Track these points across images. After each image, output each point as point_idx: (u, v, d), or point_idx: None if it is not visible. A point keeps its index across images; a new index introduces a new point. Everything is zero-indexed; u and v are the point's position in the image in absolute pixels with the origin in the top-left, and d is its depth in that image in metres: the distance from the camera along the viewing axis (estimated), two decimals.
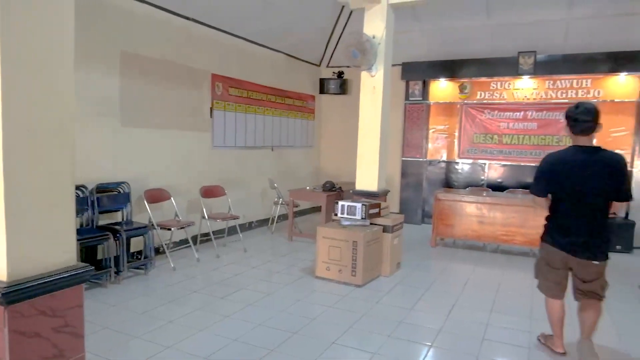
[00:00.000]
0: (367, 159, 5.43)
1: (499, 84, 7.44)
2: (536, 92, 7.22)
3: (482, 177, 7.73)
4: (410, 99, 7.97)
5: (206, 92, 6.07)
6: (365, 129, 5.43)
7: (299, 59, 8.10)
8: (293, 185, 7.21)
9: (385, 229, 4.86)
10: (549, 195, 3.03)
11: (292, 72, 7.97)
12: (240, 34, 6.49)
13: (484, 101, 7.57)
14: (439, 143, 8.04)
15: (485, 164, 7.69)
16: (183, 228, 5.16)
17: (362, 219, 4.68)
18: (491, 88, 7.50)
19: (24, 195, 1.76)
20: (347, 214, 4.74)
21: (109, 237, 4.25)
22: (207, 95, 6.09)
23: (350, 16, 7.29)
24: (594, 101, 6.85)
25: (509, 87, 7.38)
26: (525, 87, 7.27)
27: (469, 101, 7.68)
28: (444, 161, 8.03)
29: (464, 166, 7.89)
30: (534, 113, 7.23)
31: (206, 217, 5.62)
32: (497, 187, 7.28)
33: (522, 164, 7.21)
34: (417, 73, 7.81)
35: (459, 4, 6.17)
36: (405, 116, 8.05)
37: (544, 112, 7.15)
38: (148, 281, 4.52)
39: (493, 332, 3.54)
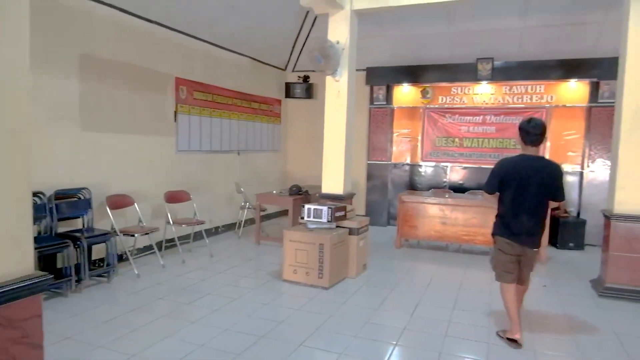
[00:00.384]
0: (333, 163, 5.51)
1: (459, 89, 7.69)
2: (494, 97, 7.51)
3: (445, 179, 7.96)
4: (375, 103, 8.12)
5: (170, 96, 6.00)
6: (331, 132, 5.50)
7: (264, 63, 8.11)
8: (260, 190, 7.20)
9: (351, 231, 4.94)
10: (497, 193, 3.50)
11: (257, 76, 7.97)
12: (205, 37, 6.45)
13: (445, 106, 7.81)
14: (403, 146, 8.22)
15: (447, 166, 7.92)
16: (147, 234, 5.07)
17: (328, 221, 4.74)
18: (452, 93, 7.75)
19: None
20: (313, 217, 4.79)
21: (68, 245, 4.13)
22: (171, 99, 6.01)
23: (315, 21, 7.37)
24: (547, 106, 7.20)
25: (468, 92, 7.65)
26: (484, 92, 7.56)
27: (431, 105, 7.90)
28: (408, 164, 8.22)
29: (427, 169, 8.09)
30: (492, 117, 7.53)
31: (171, 223, 5.54)
32: (458, 189, 7.51)
33: (482, 166, 7.48)
34: (381, 78, 7.97)
35: (420, 12, 6.34)
36: (370, 120, 8.20)
37: (502, 116, 7.44)
38: (111, 289, 4.42)
39: (455, 328, 3.66)
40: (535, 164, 3.38)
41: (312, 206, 4.83)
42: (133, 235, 4.95)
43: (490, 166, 3.90)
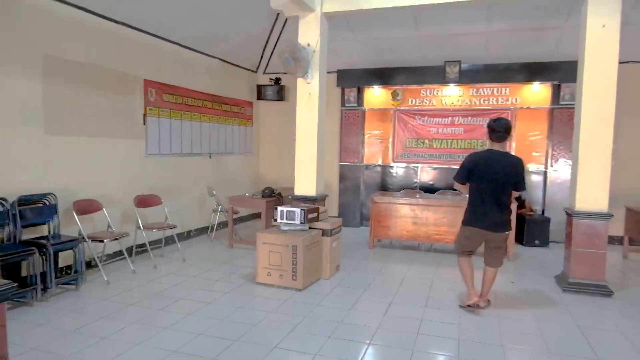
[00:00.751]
0: (305, 165, 5.53)
1: (428, 91, 7.85)
2: (462, 99, 7.70)
3: (415, 180, 8.10)
4: (346, 105, 8.20)
5: (138, 98, 5.89)
6: (303, 134, 5.53)
7: (235, 65, 8.07)
8: (232, 192, 7.15)
9: (324, 232, 4.97)
10: (467, 184, 4.01)
11: (228, 78, 7.92)
12: (174, 39, 6.37)
13: (415, 107, 7.96)
14: (374, 148, 8.32)
15: (417, 167, 8.07)
16: (117, 239, 4.96)
17: (301, 223, 4.76)
18: (421, 95, 7.90)
19: None
20: (286, 219, 4.79)
21: (33, 252, 4.00)
22: (139, 101, 5.90)
23: (285, 23, 7.38)
24: (512, 108, 7.43)
25: (437, 94, 7.82)
26: (452, 94, 7.74)
27: (401, 107, 8.03)
28: (379, 165, 8.32)
29: (399, 170, 8.22)
30: (460, 119, 7.71)
31: (141, 228, 5.44)
32: (429, 189, 7.66)
33: (452, 166, 7.64)
34: (352, 80, 8.05)
35: (389, 16, 6.44)
36: (341, 122, 8.27)
37: (469, 117, 7.64)
38: (79, 297, 4.30)
39: (427, 326, 3.74)
40: (500, 158, 3.87)
41: (285, 208, 4.84)
42: (102, 241, 4.84)
43: (458, 167, 4.09)
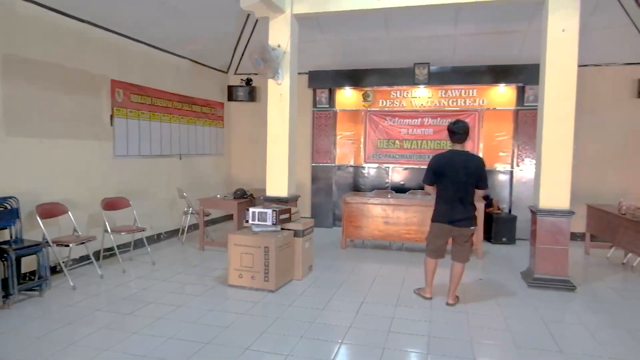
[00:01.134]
0: (277, 165, 5.53)
1: (398, 92, 7.97)
2: (431, 101, 7.85)
3: (387, 180, 8.20)
4: (318, 106, 8.23)
5: (105, 98, 5.75)
6: (274, 135, 5.53)
7: (205, 65, 7.98)
8: (204, 194, 7.08)
9: (296, 233, 4.97)
10: (435, 185, 4.23)
11: (198, 78, 7.83)
12: (142, 38, 6.25)
13: (386, 109, 8.06)
14: (346, 149, 8.38)
15: (389, 167, 8.17)
16: (83, 243, 4.84)
17: (273, 224, 4.75)
18: (391, 96, 8.01)
19: None
20: (258, 220, 4.77)
21: None
22: (106, 102, 5.76)
23: (256, 24, 7.35)
24: (479, 109, 7.63)
25: (407, 95, 7.94)
26: (422, 95, 7.88)
27: (372, 109, 8.12)
28: (351, 166, 8.39)
29: (370, 170, 8.31)
30: (429, 120, 7.86)
31: (109, 231, 5.31)
32: (400, 189, 7.77)
33: (422, 167, 7.75)
34: (323, 81, 8.09)
35: (359, 18, 6.51)
36: (313, 123, 8.29)
37: (439, 118, 7.79)
38: (44, 303, 4.16)
39: (398, 324, 3.79)
40: (462, 157, 4.09)
41: (257, 209, 4.82)
42: (67, 245, 4.69)
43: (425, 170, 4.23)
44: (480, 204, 6.08)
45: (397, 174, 8.17)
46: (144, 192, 6.42)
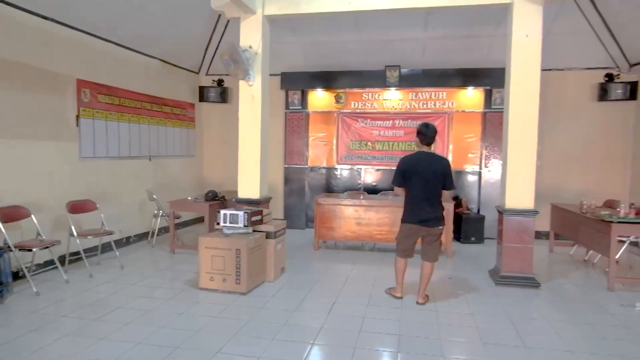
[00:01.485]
0: (249, 167, 5.51)
1: (370, 94, 8.05)
2: (402, 103, 7.97)
3: (359, 182, 8.27)
4: (290, 107, 8.23)
5: (71, 98, 5.60)
6: (246, 137, 5.50)
7: (176, 65, 7.87)
8: (175, 196, 6.97)
9: (268, 235, 4.96)
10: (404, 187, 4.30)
11: (169, 79, 7.71)
12: (110, 37, 6.11)
13: (358, 110, 8.13)
14: (318, 150, 8.40)
15: (361, 169, 8.24)
16: (47, 248, 4.69)
17: (244, 226, 4.72)
18: (363, 98, 8.09)
19: None
20: (229, 222, 4.74)
21: None
22: (72, 102, 5.61)
23: (227, 24, 7.30)
24: (448, 111, 7.78)
25: (378, 97, 8.04)
26: (393, 97, 7.98)
27: (344, 110, 8.17)
28: (324, 167, 8.42)
29: (343, 172, 8.36)
30: (400, 121, 7.97)
31: (75, 235, 5.17)
32: (372, 190, 7.85)
33: (393, 168, 7.79)
34: (296, 83, 8.10)
35: (331, 20, 6.56)
36: (286, 124, 8.29)
37: (409, 120, 7.91)
38: (5, 310, 4.01)
39: (369, 323, 3.83)
40: (429, 159, 4.20)
41: (228, 211, 4.78)
42: (30, 250, 4.55)
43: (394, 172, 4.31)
44: (449, 204, 6.21)
45: (369, 175, 8.25)
46: (112, 194, 6.28)
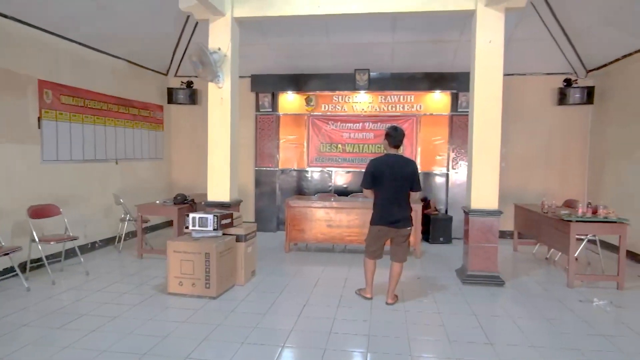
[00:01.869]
0: (218, 170, 5.46)
1: (340, 97, 8.12)
2: (371, 106, 8.07)
3: (330, 184, 8.32)
4: (261, 110, 8.21)
5: (32, 100, 5.42)
6: (215, 139, 5.46)
7: (143, 67, 7.72)
8: (143, 200, 6.83)
9: (239, 238, 4.93)
10: (373, 189, 4.35)
11: (136, 80, 7.56)
12: (73, 37, 5.95)
13: (328, 113, 8.19)
14: (289, 152, 8.41)
15: (332, 171, 8.30)
16: (7, 254, 4.52)
17: (214, 230, 4.69)
18: (333, 101, 8.15)
19: None
20: (198, 226, 4.69)
21: None
22: (33, 103, 5.43)
23: (196, 25, 7.22)
24: (417, 114, 7.93)
25: (348, 100, 8.12)
26: (362, 100, 8.08)
27: (314, 113, 8.21)
28: (295, 170, 8.43)
29: (314, 174, 8.39)
30: (370, 124, 8.08)
31: (37, 240, 5.00)
32: (342, 192, 7.92)
33: (364, 170, 7.89)
34: (266, 85, 8.09)
35: (301, 23, 6.58)
36: (256, 127, 8.26)
37: (379, 123, 8.02)
38: None
39: (339, 325, 3.87)
40: (397, 161, 4.28)
41: (197, 215, 4.73)
42: None
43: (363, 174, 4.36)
44: (417, 205, 6.32)
45: (340, 177, 8.31)
46: (76, 198, 6.10)
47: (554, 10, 6.34)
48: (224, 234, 4.82)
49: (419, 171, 4.46)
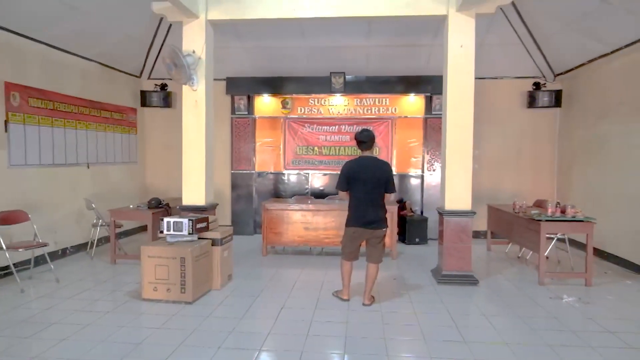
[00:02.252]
0: (193, 173, 5.41)
1: (316, 100, 8.15)
2: (347, 108, 8.13)
3: (307, 186, 8.33)
4: (237, 113, 8.17)
5: None
6: (190, 142, 5.40)
7: (115, 69, 7.57)
8: (116, 205, 6.70)
9: (215, 242, 4.89)
10: (348, 191, 4.39)
11: (108, 83, 7.41)
12: (42, 38, 5.79)
13: (304, 116, 8.20)
14: (266, 155, 8.38)
15: (308, 173, 8.31)
16: None
17: (189, 234, 4.63)
18: (310, 104, 8.17)
19: None
20: (173, 230, 4.63)
21: None
22: None
23: (170, 28, 7.14)
24: (392, 117, 8.03)
25: (324, 103, 8.15)
26: (338, 103, 8.13)
27: (291, 116, 8.22)
28: (271, 173, 8.40)
29: (290, 176, 8.38)
30: (346, 127, 8.13)
31: (4, 248, 4.83)
32: (319, 195, 7.93)
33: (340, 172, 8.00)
34: (242, 88, 8.05)
35: (276, 26, 6.57)
36: (232, 130, 8.21)
37: (355, 126, 8.07)
38: None
39: (316, 327, 3.87)
40: (371, 163, 4.32)
41: (172, 219, 4.67)
42: None
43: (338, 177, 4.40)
44: (393, 207, 6.39)
45: (316, 180, 8.33)
46: (46, 204, 5.94)
47: (523, 17, 6.53)
48: (199, 238, 4.77)
49: (395, 173, 4.54)
